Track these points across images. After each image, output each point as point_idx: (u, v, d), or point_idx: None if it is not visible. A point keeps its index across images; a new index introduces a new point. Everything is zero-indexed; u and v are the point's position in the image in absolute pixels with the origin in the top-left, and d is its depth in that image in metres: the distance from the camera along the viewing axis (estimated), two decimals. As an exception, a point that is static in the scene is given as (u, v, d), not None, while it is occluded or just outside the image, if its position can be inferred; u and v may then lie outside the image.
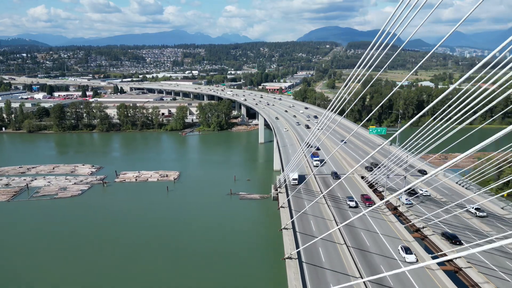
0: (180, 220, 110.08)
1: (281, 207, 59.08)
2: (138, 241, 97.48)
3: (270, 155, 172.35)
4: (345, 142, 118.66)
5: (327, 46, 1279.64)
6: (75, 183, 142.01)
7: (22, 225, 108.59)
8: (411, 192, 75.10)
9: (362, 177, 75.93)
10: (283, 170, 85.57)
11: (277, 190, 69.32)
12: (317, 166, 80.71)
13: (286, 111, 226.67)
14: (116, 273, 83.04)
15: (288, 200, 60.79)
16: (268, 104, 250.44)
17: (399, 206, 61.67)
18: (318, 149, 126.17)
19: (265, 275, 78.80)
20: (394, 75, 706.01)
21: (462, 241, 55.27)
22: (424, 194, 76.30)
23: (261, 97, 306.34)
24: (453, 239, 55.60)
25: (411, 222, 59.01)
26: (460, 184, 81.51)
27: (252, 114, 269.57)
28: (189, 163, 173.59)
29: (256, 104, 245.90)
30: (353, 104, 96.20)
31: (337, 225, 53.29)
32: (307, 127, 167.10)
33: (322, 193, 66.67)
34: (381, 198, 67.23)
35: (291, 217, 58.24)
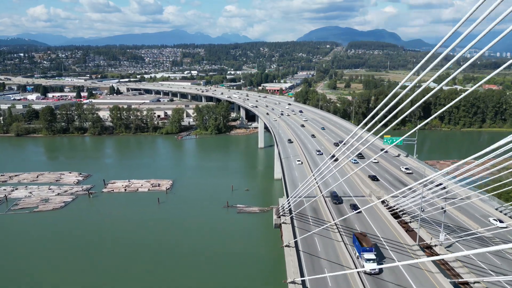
0: (170, 239, 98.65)
1: (286, 246, 47.99)
2: (121, 264, 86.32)
3: (270, 161, 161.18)
4: (357, 159, 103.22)
5: (328, 46, 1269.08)
6: (58, 194, 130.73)
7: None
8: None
9: (383, 202, 63.75)
10: (286, 194, 72.41)
11: (279, 217, 58.16)
12: (372, 273, 47.57)
13: (302, 125, 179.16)
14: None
15: (296, 242, 48.71)
16: (282, 114, 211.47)
17: (435, 245, 49.23)
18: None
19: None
20: (395, 75, 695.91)
21: None
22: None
23: (268, 106, 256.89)
24: None
25: (458, 275, 44.51)
26: (499, 210, 64.57)
27: (251, 116, 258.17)
28: (184, 170, 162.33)
29: (267, 113, 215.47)
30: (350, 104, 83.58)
31: (359, 278, 42.19)
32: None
33: (335, 224, 55.31)
34: (413, 235, 52.38)
35: (299, 264, 46.43)
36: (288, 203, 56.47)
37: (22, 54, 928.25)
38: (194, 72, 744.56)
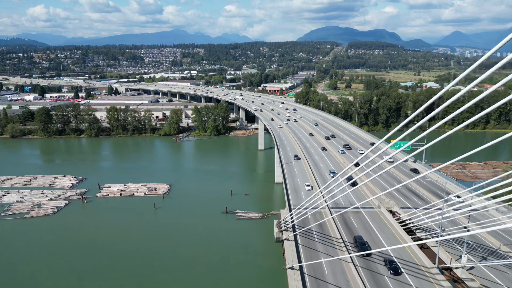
0: (166, 248, 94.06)
1: (290, 268, 43.27)
2: (114, 274, 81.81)
3: (271, 164, 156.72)
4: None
5: (328, 46, 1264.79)
6: (51, 199, 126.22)
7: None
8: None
9: (392, 213, 58.61)
10: (289, 206, 66.74)
11: (281, 231, 53.50)
12: None
13: (311, 134, 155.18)
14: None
15: (301, 267, 43.34)
16: (288, 121, 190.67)
17: (456, 268, 43.95)
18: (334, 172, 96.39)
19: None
20: (396, 75, 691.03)
21: None
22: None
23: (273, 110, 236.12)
24: None
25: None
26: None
27: (251, 117, 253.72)
28: (182, 174, 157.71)
29: (272, 119, 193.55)
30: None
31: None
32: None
33: (343, 241, 50.52)
34: (429, 253, 46.60)
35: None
36: (291, 219, 51.78)
37: (21, 54, 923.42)
38: (194, 72, 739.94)
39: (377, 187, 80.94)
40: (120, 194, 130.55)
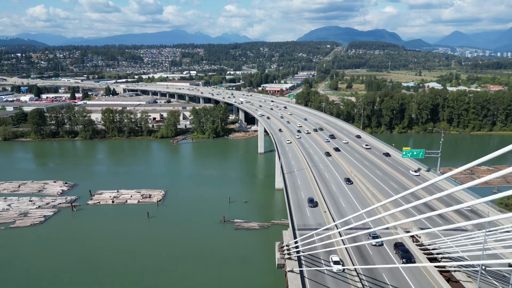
0: (158, 263, 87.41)
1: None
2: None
3: (271, 168, 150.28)
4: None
5: (328, 46, 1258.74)
6: (39, 207, 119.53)
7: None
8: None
9: (409, 233, 50.64)
10: (293, 229, 58.25)
11: (284, 256, 46.69)
12: None
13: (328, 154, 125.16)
14: None
15: None
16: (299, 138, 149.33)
17: None
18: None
19: None
20: (397, 76, 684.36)
21: None
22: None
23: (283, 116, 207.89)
24: None
25: None
26: None
27: (251, 119, 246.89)
28: (178, 179, 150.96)
29: (279, 131, 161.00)
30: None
31: None
32: None
33: (357, 274, 43.74)
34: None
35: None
36: (296, 247, 45.02)
37: (19, 54, 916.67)
38: (193, 72, 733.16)
39: (386, 199, 73.43)
40: (112, 202, 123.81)
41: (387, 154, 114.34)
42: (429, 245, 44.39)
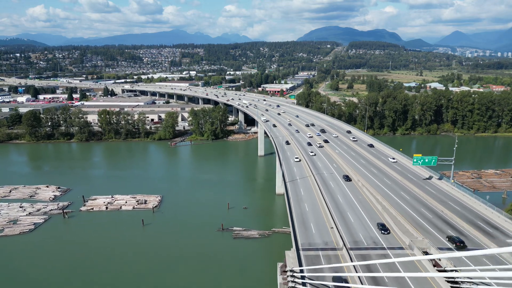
0: (149, 275, 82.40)
1: None
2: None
3: (271, 172, 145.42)
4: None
5: (328, 46, 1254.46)
6: (30, 213, 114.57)
7: None
8: None
9: (428, 256, 45.20)
10: (297, 250, 51.06)
11: (287, 283, 41.64)
12: None
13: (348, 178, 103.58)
14: None
15: None
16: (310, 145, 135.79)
17: None
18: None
19: None
20: (398, 76, 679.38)
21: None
22: None
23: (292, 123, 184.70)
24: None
25: None
26: None
27: (250, 120, 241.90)
28: (175, 183, 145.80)
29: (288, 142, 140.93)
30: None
31: None
32: None
33: None
34: None
35: None
36: (301, 273, 40.04)
37: (18, 55, 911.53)
38: (193, 73, 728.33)
39: (400, 213, 67.33)
40: (106, 208, 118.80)
41: (394, 159, 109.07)
42: (451, 271, 39.03)
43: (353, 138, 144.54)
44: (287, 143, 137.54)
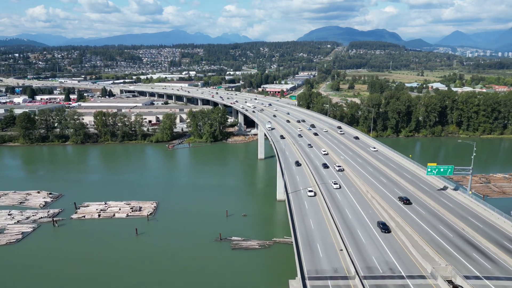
0: (144, 290, 76.91)
1: None
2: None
3: (272, 176, 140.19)
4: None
5: (329, 46, 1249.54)
6: (18, 221, 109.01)
7: None
8: None
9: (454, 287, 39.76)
10: (302, 278, 44.83)
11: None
12: None
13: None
14: None
15: None
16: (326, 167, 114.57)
17: None
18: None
19: None
20: (399, 76, 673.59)
21: None
22: None
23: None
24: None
25: None
26: None
27: (250, 121, 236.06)
28: (171, 189, 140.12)
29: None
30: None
31: None
32: None
33: None
34: None
35: None
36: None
37: (17, 55, 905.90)
38: (192, 73, 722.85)
39: (416, 232, 59.41)
40: (99, 216, 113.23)
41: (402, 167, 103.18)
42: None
43: (355, 137, 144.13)
44: (297, 163, 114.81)
